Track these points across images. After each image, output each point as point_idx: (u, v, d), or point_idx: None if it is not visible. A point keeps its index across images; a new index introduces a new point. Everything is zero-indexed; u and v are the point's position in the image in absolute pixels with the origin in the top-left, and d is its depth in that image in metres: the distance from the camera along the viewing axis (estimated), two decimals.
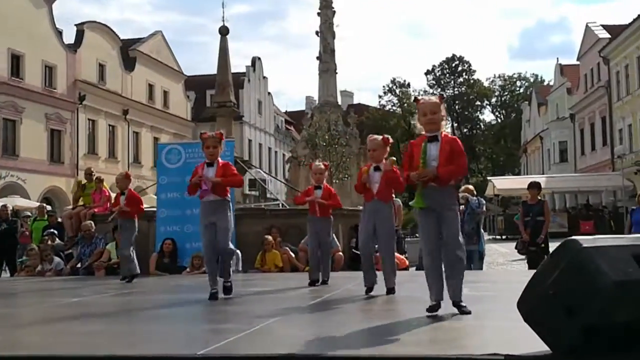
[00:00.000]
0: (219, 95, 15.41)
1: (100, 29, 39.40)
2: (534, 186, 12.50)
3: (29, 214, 19.98)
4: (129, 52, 42.02)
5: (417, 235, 14.66)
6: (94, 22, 39.29)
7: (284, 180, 16.69)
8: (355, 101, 70.71)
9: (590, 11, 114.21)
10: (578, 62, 48.17)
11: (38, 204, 27.46)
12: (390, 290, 6.04)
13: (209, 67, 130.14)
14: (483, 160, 68.29)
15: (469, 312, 4.45)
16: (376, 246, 6.33)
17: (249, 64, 53.72)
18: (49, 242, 12.52)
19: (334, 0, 27.51)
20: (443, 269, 4.56)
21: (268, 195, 24.74)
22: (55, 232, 13.42)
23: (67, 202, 28.13)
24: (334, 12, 27.74)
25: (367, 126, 53.10)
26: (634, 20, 36.46)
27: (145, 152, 43.24)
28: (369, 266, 6.21)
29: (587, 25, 45.98)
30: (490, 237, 32.14)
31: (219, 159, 6.39)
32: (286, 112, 69.18)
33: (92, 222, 11.67)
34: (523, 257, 18.84)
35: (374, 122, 59.75)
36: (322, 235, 7.82)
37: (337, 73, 27.98)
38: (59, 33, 35.74)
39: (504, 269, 15.88)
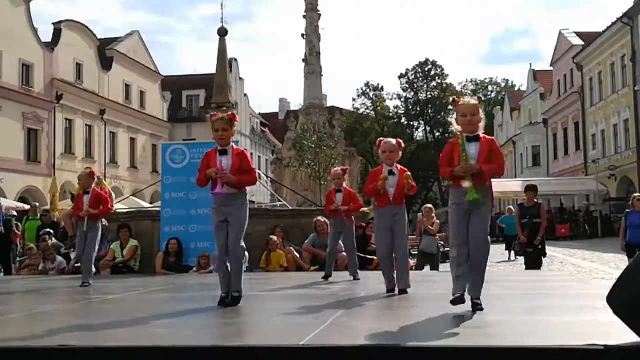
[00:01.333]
0: (218, 96, 15.46)
1: (77, 28, 38.99)
2: (531, 189, 12.78)
3: (14, 213, 19.80)
4: (106, 52, 41.65)
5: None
6: (72, 21, 38.85)
7: (268, 183, 16.81)
8: (329, 104, 70.96)
9: (559, 17, 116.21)
10: (551, 68, 49.07)
11: (17, 203, 27.18)
12: (403, 291, 5.98)
13: (179, 67, 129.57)
14: None
15: (482, 309, 4.50)
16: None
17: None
18: (48, 242, 12.41)
19: (319, 3, 27.70)
20: (468, 264, 4.61)
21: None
22: (52, 231, 13.35)
23: (44, 202, 27.77)
24: (320, 14, 27.88)
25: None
26: (608, 28, 37.32)
27: (121, 153, 42.89)
28: (390, 268, 6.13)
29: (560, 32, 46.90)
30: None
31: (232, 144, 5.52)
32: (260, 114, 69.15)
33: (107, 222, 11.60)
34: (514, 259, 19.40)
35: (347, 125, 60.01)
36: (348, 235, 7.97)
37: (322, 75, 28.16)
38: (36, 31, 35.30)
39: (499, 269, 16.15)
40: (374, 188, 6.18)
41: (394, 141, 6.37)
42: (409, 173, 6.28)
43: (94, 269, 8.21)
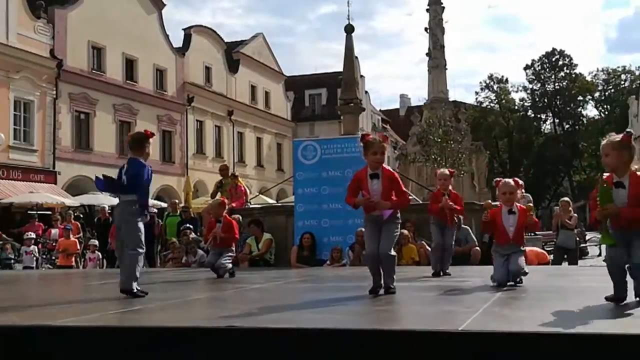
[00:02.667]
0: (346, 92, 15.61)
1: (205, 33, 40.65)
2: None
3: (155, 210, 20.94)
4: (232, 55, 43.14)
5: None
6: (200, 26, 40.57)
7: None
8: (450, 98, 69.84)
9: None
10: None
11: (154, 201, 28.70)
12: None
13: (299, 67, 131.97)
14: (586, 157, 65.93)
15: None
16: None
17: None
18: (189, 236, 13.06)
19: None
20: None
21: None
22: (191, 226, 14.03)
23: (179, 200, 29.10)
24: (443, 7, 27.53)
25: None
26: None
27: (248, 152, 44.26)
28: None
29: None
30: None
31: (384, 165, 5.43)
32: (381, 111, 69.16)
33: (240, 217, 12.07)
34: None
35: (471, 120, 58.80)
36: (448, 237, 7.89)
37: (446, 69, 27.82)
38: (168, 37, 37.10)
39: None
40: (488, 223, 6.22)
41: (512, 182, 6.30)
42: (531, 204, 6.18)
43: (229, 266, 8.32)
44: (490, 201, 6.77)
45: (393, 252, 5.38)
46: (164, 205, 27.08)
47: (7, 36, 26.80)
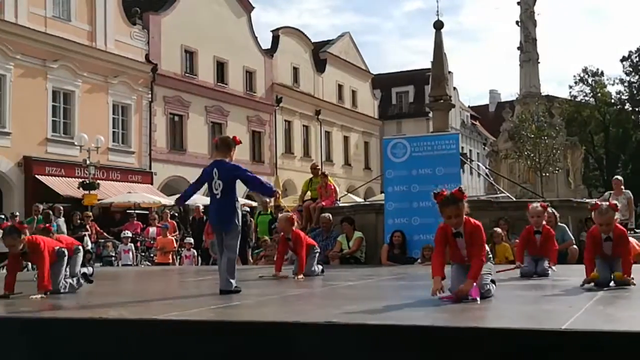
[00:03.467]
0: (435, 89, 15.49)
1: (293, 34, 41.15)
2: None
3: (247, 209, 21.44)
4: (319, 55, 43.48)
5: None
6: (288, 27, 41.11)
7: (485, 175, 16.49)
8: (542, 92, 67.74)
9: None
10: None
11: (245, 200, 29.30)
12: None
13: (385, 65, 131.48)
14: None
15: None
16: None
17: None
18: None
19: None
20: None
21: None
22: None
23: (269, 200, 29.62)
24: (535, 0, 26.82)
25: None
26: None
27: (336, 151, 44.49)
28: None
29: None
30: None
31: (465, 216, 4.90)
32: (470, 107, 67.95)
33: (330, 215, 12.18)
34: None
35: (565, 114, 56.92)
36: (540, 265, 7.50)
37: (539, 62, 27.07)
38: (256, 39, 37.78)
39: None
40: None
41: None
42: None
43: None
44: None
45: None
46: (254, 204, 27.66)
47: (106, 43, 28.02)
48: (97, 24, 27.73)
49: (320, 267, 8.15)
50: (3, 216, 15.92)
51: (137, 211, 23.03)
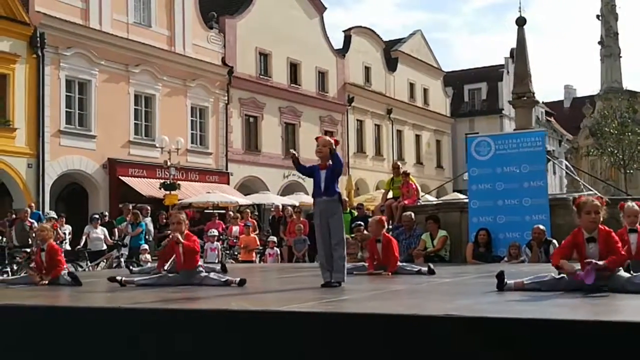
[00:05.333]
0: (518, 86, 15.32)
1: (364, 33, 41.24)
2: None
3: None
4: (391, 53, 43.42)
5: None
6: (360, 27, 41.22)
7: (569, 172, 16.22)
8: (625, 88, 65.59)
9: None
10: None
11: None
12: None
13: (454, 62, 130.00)
14: None
15: None
16: None
17: (507, 55, 52.42)
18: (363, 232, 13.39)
19: None
20: None
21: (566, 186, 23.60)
22: (362, 223, 14.36)
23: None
24: None
25: None
26: None
27: (407, 150, 44.33)
28: None
29: None
30: None
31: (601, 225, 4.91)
32: (544, 103, 66.44)
33: (412, 214, 12.25)
34: None
35: None
36: None
37: (621, 57, 26.32)
38: (329, 40, 38.04)
39: None
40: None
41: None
42: None
43: None
44: None
45: None
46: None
47: (184, 47, 28.81)
48: (176, 29, 28.54)
49: (430, 265, 8.07)
50: (97, 215, 16.62)
51: (214, 211, 23.58)
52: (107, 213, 18.36)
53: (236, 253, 16.29)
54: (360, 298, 5.11)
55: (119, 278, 6.77)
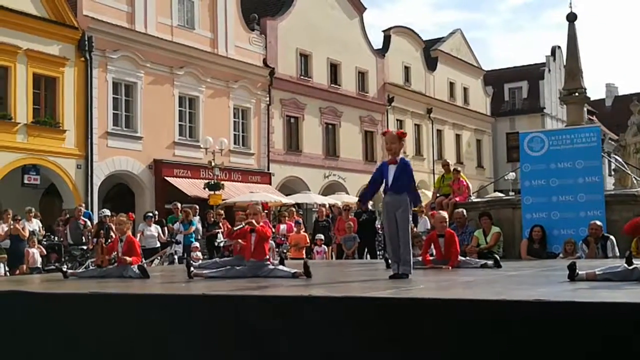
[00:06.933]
0: (569, 82, 15.19)
1: (404, 33, 41.14)
2: None
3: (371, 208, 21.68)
4: (430, 53, 43.24)
5: None
6: (399, 26, 41.13)
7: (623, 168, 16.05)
8: None
9: None
10: None
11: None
12: None
13: (491, 61, 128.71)
14: None
15: None
16: None
17: (549, 53, 51.83)
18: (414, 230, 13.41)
19: None
20: None
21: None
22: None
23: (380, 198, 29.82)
24: None
25: None
26: None
27: (448, 149, 44.05)
28: None
29: None
30: None
31: None
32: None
33: (464, 210, 12.23)
34: None
35: None
36: None
37: None
38: (368, 40, 38.05)
39: None
40: None
41: None
42: None
43: None
44: None
45: None
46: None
47: (227, 49, 29.10)
48: (219, 31, 28.84)
49: (496, 257, 8.12)
50: (151, 214, 16.96)
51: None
52: (156, 212, 18.64)
53: (285, 251, 16.41)
54: (437, 287, 5.15)
55: (192, 269, 6.94)
